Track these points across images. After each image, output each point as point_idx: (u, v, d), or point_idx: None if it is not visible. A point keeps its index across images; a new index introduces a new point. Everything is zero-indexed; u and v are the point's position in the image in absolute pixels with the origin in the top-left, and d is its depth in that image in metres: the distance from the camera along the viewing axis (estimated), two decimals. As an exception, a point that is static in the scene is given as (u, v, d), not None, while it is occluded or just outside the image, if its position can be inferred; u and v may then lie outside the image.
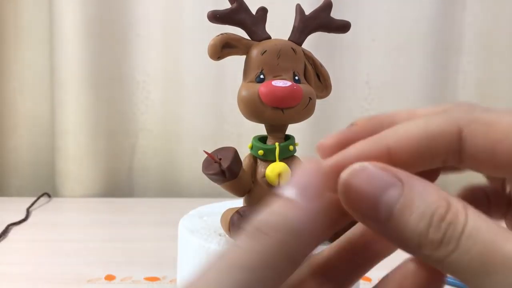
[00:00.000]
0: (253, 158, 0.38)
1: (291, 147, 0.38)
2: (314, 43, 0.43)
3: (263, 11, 0.38)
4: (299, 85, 0.36)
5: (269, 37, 0.38)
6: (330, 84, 0.40)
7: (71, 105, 0.84)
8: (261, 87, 0.35)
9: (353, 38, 0.86)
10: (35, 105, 0.89)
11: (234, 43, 0.37)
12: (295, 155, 0.39)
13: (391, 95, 0.89)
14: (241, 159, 0.37)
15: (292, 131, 0.39)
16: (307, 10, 0.39)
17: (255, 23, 0.38)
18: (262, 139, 0.39)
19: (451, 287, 0.52)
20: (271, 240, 0.14)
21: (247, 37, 0.38)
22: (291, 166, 0.38)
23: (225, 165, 0.34)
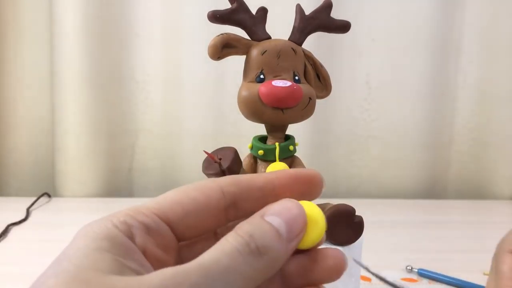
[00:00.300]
0: (253, 158, 0.38)
1: (291, 147, 0.38)
2: (314, 43, 0.43)
3: (263, 11, 0.38)
4: (299, 85, 0.36)
5: (269, 37, 0.38)
6: (330, 84, 0.40)
7: (71, 105, 0.84)
8: (261, 87, 0.35)
9: (353, 38, 0.86)
10: (35, 105, 0.89)
11: (234, 43, 0.37)
12: (295, 155, 0.39)
13: (391, 95, 0.89)
14: (241, 159, 0.37)
15: (292, 131, 0.39)
16: (307, 10, 0.39)
17: (255, 23, 0.38)
18: (262, 139, 0.39)
19: (449, 286, 0.52)
20: (263, 261, 0.18)
21: (247, 37, 0.38)
22: (291, 166, 0.38)
23: (225, 165, 0.34)
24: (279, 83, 0.35)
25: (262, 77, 0.36)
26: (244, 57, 0.38)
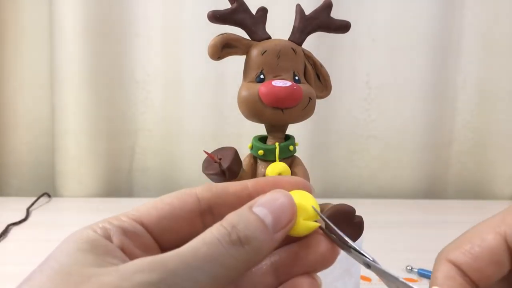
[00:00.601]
0: (253, 158, 0.38)
1: (291, 147, 0.38)
2: (314, 43, 0.43)
3: (263, 11, 0.38)
4: (299, 85, 0.36)
5: (269, 37, 0.38)
6: (330, 84, 0.40)
7: (71, 105, 0.84)
8: (261, 87, 0.35)
9: (353, 38, 0.86)
10: (35, 105, 0.89)
11: (234, 43, 0.37)
12: (295, 155, 0.39)
13: (391, 95, 0.89)
14: (241, 159, 0.37)
15: (292, 131, 0.39)
16: (307, 10, 0.39)
17: (255, 23, 0.38)
18: (262, 139, 0.39)
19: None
20: (244, 251, 0.19)
21: (247, 37, 0.38)
22: (291, 166, 0.38)
23: (225, 165, 0.34)
24: (279, 83, 0.35)
25: (262, 77, 0.36)
26: (244, 57, 0.38)
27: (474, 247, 0.21)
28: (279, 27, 0.38)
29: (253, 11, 0.38)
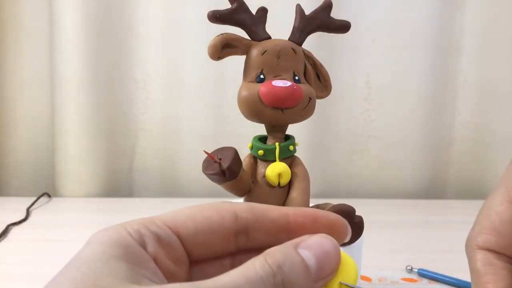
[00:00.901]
0: (253, 158, 0.38)
1: (291, 147, 0.38)
2: (314, 43, 0.43)
3: (263, 11, 0.38)
4: (299, 85, 0.36)
5: (269, 37, 0.38)
6: (330, 84, 0.40)
7: (71, 105, 0.84)
8: (261, 87, 0.36)
9: (353, 38, 0.86)
10: (35, 105, 0.88)
11: (234, 43, 0.37)
12: (295, 155, 0.39)
13: (391, 95, 0.89)
14: (241, 159, 0.37)
15: (292, 131, 0.39)
16: (307, 10, 0.39)
17: (255, 23, 0.38)
18: (262, 139, 0.39)
19: (449, 286, 0.52)
20: None
21: (247, 37, 0.38)
22: (291, 166, 0.38)
23: (225, 165, 0.34)
24: (279, 83, 0.35)
25: (262, 77, 0.37)
26: (244, 57, 0.38)
27: (495, 225, 0.21)
28: (279, 27, 0.38)
29: (253, 11, 0.38)
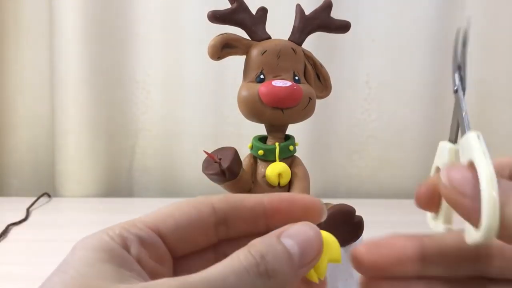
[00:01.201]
0: (253, 158, 0.38)
1: (291, 147, 0.38)
2: (314, 43, 0.43)
3: (263, 11, 0.38)
4: (299, 85, 0.36)
5: (269, 37, 0.38)
6: (330, 84, 0.40)
7: (71, 105, 0.84)
8: (261, 87, 0.36)
9: (353, 38, 0.86)
10: (35, 105, 0.88)
11: (234, 43, 0.37)
12: (295, 155, 0.39)
13: (391, 95, 0.89)
14: (241, 159, 0.37)
15: (292, 131, 0.39)
16: (307, 10, 0.39)
17: (255, 23, 0.38)
18: (262, 139, 0.39)
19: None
20: (269, 284, 0.18)
21: (247, 37, 0.38)
22: (291, 166, 0.38)
23: (225, 165, 0.35)
24: (279, 83, 0.35)
25: (262, 77, 0.37)
26: (244, 57, 0.38)
27: None
28: (279, 27, 0.38)
29: (253, 11, 0.38)
